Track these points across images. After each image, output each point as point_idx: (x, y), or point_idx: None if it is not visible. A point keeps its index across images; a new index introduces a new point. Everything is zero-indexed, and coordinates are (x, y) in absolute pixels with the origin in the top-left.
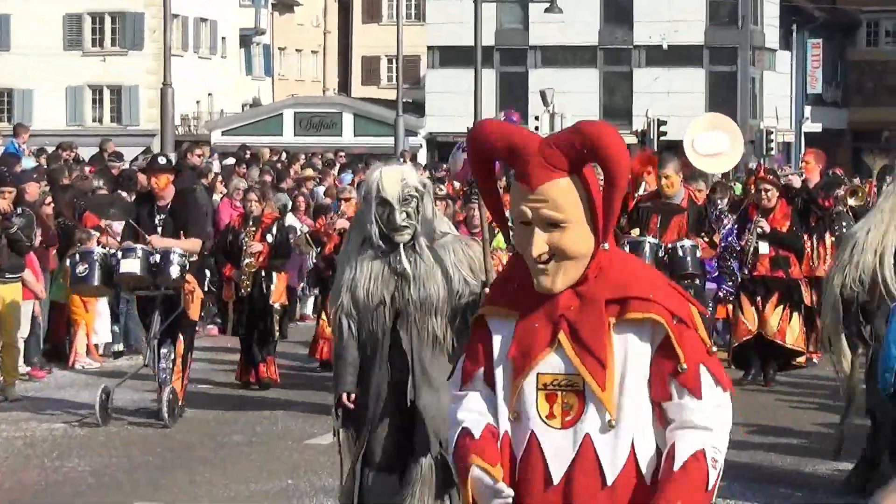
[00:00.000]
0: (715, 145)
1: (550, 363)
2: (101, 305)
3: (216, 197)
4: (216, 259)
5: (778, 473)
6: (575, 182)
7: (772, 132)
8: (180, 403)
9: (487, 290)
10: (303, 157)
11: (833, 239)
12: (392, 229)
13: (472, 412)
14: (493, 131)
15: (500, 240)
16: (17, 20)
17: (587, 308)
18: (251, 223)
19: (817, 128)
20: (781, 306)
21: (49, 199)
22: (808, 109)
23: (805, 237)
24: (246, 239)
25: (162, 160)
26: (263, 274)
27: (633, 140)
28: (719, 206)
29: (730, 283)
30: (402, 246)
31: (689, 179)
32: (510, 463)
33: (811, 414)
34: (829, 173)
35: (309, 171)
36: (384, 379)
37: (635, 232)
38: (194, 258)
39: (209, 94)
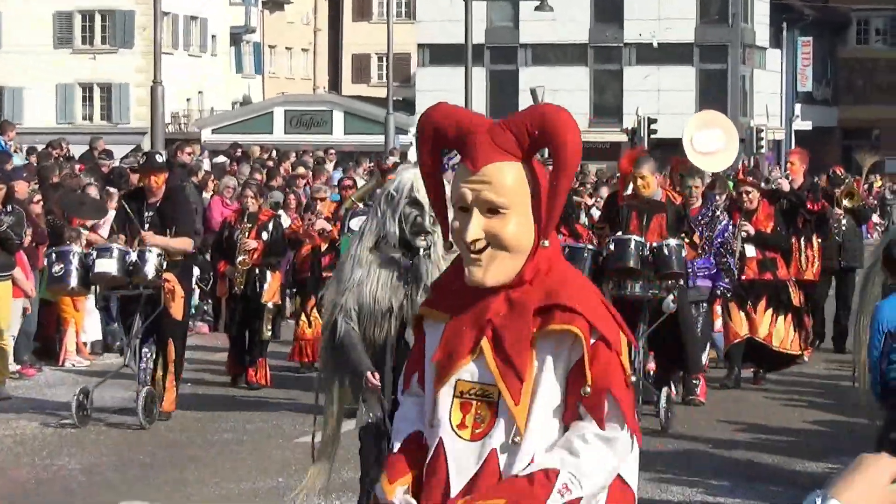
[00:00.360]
0: (712, 143)
1: (470, 370)
2: (91, 304)
3: (206, 195)
4: (211, 255)
5: (768, 471)
6: (522, 169)
7: (762, 130)
8: (173, 409)
9: None
10: (293, 154)
11: (819, 241)
12: (416, 233)
13: (403, 421)
14: (443, 115)
15: None
16: (7, 18)
17: (515, 315)
18: (247, 220)
19: (807, 126)
20: (770, 309)
21: (38, 196)
22: (798, 107)
23: (793, 240)
24: (241, 236)
25: (159, 158)
26: (258, 272)
27: (623, 138)
28: (716, 202)
29: (727, 280)
30: (421, 251)
31: (686, 177)
32: None
33: (801, 412)
34: (829, 173)
35: (301, 170)
36: (389, 390)
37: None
38: (179, 257)
39: (199, 92)
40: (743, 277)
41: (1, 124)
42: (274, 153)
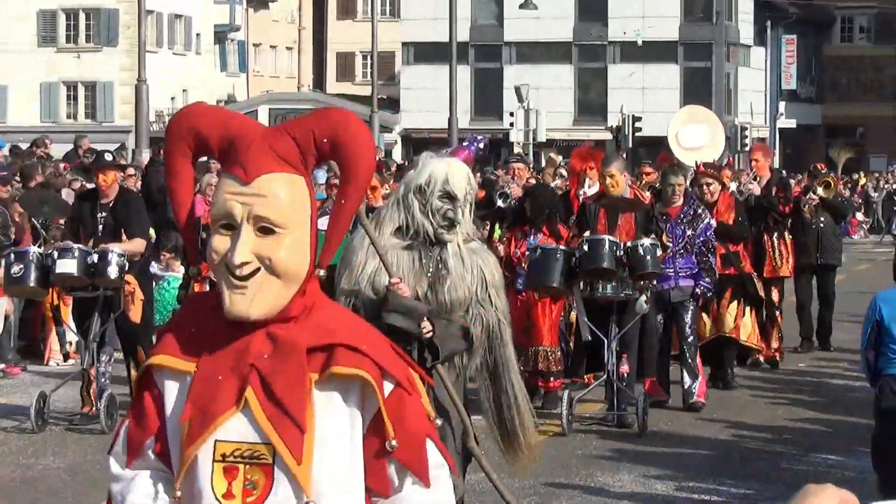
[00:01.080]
0: (697, 138)
1: (234, 428)
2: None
3: None
4: (186, 255)
5: (752, 468)
6: (304, 183)
7: (746, 128)
8: None
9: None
10: None
11: (791, 237)
12: (446, 226)
13: (141, 496)
14: (204, 115)
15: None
16: None
17: (284, 356)
18: None
19: (792, 124)
20: (735, 302)
21: (20, 196)
22: (782, 105)
23: (765, 237)
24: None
25: (108, 156)
26: None
27: (608, 136)
28: (697, 201)
29: (707, 280)
30: (449, 245)
31: (668, 174)
32: None
33: (784, 409)
34: (810, 168)
35: None
36: None
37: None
38: (137, 258)
39: (184, 91)
40: None
41: None
42: None
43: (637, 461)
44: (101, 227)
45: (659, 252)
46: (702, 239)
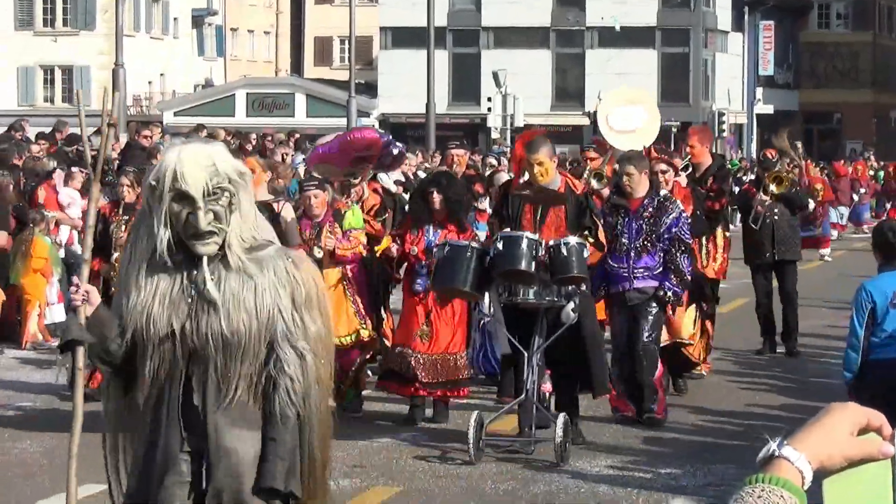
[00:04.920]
0: (631, 121)
1: None
2: (55, 287)
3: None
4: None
5: (727, 454)
6: None
7: (724, 114)
8: None
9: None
10: (254, 136)
11: (726, 234)
12: (193, 236)
13: None
14: None
15: (357, 218)
16: None
17: None
18: (122, 211)
19: (769, 109)
20: (693, 306)
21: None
22: (759, 91)
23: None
24: (116, 230)
25: None
26: None
27: (585, 121)
28: (662, 192)
29: (674, 282)
30: (205, 260)
31: (622, 162)
32: None
33: (760, 395)
34: (760, 156)
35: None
36: (176, 445)
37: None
38: None
39: (161, 75)
40: None
41: None
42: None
43: (614, 446)
44: None
45: (587, 253)
46: (667, 235)
